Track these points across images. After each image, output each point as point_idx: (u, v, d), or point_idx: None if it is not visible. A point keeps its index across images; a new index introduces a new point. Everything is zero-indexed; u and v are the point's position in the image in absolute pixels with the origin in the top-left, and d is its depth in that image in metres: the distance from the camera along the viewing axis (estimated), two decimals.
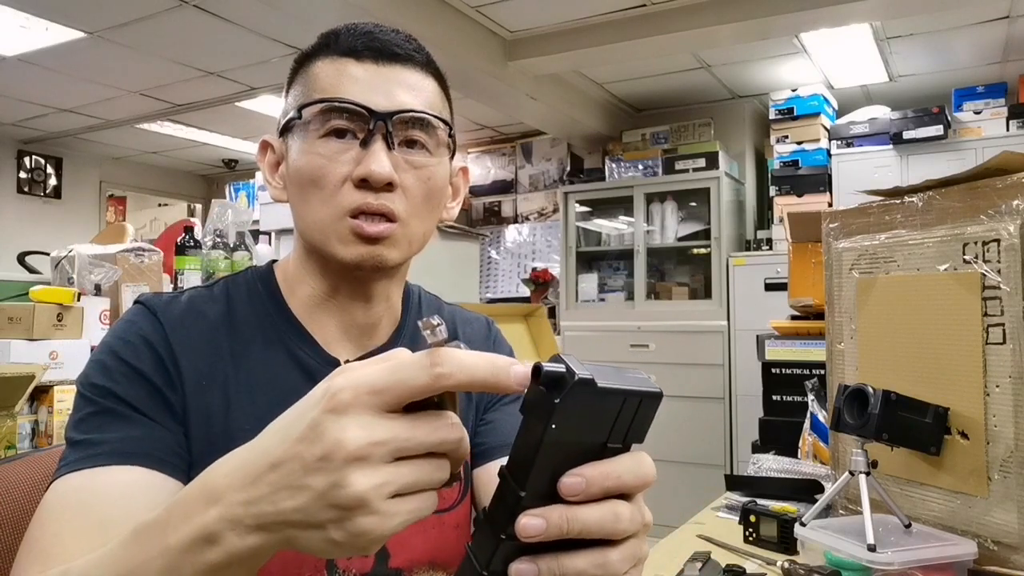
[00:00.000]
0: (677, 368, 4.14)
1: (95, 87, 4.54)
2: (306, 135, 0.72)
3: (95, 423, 0.66)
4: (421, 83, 0.75)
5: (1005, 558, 0.92)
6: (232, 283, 0.79)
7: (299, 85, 0.76)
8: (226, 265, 2.33)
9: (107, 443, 0.64)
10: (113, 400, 0.67)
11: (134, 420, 0.66)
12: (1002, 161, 0.96)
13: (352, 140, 0.71)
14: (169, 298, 0.75)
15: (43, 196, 5.97)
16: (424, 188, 0.74)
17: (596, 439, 0.43)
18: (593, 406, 0.42)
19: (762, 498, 1.27)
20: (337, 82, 0.72)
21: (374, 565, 0.73)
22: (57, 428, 1.75)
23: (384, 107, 0.71)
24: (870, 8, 3.21)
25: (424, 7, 3.32)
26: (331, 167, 0.70)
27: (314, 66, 0.75)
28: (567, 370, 0.41)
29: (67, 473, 0.63)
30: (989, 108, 3.97)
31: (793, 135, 4.33)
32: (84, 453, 0.64)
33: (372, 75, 0.72)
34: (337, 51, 0.74)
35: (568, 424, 0.41)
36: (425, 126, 0.73)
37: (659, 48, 3.66)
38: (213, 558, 0.43)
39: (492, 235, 5.68)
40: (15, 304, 1.92)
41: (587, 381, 0.41)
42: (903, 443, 0.99)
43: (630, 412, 0.43)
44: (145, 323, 0.71)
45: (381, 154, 0.70)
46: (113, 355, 0.69)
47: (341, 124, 0.71)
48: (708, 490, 1.45)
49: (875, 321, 1.12)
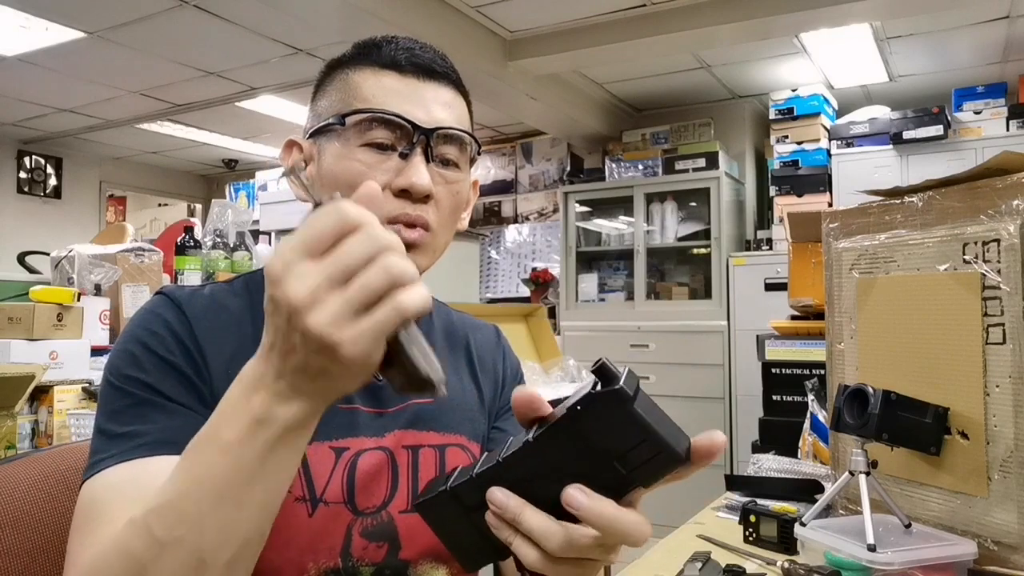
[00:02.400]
0: (677, 368, 4.14)
1: (95, 87, 4.54)
2: (346, 142, 0.74)
3: (132, 414, 0.66)
4: (454, 100, 0.79)
5: (1005, 558, 0.92)
6: (251, 280, 0.80)
7: (336, 92, 0.78)
8: (226, 265, 2.33)
9: (150, 433, 0.65)
10: (148, 391, 0.67)
11: (172, 410, 0.67)
12: (1002, 161, 0.96)
13: (391, 151, 0.74)
14: (191, 290, 0.76)
15: (43, 196, 5.97)
16: (453, 201, 0.78)
17: (608, 450, 0.46)
18: (619, 421, 0.45)
19: (762, 498, 1.26)
20: (379, 93, 0.75)
21: (386, 556, 0.74)
22: (57, 428, 1.75)
23: (425, 122, 0.74)
24: (870, 8, 3.21)
25: (424, 7, 3.32)
26: (371, 175, 0.72)
27: (353, 74, 0.77)
28: (618, 375, 0.45)
29: (114, 464, 0.63)
30: (989, 108, 3.97)
31: (793, 135, 4.33)
32: (129, 444, 0.64)
33: (413, 90, 0.76)
34: (378, 62, 0.77)
35: (590, 421, 0.46)
36: (458, 142, 0.78)
37: (659, 48, 3.66)
38: (270, 435, 0.49)
39: (492, 235, 5.68)
40: (15, 304, 1.92)
41: (625, 395, 0.45)
42: (903, 443, 0.99)
43: (646, 454, 0.46)
44: (170, 314, 0.72)
45: (422, 167, 0.73)
46: (142, 346, 0.69)
47: (383, 135, 0.74)
48: (708, 490, 1.45)
49: (875, 321, 1.12)
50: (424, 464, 0.78)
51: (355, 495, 0.73)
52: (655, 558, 1.08)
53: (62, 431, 1.74)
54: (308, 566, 0.70)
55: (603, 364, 0.46)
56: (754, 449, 1.75)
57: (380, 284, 0.46)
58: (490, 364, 0.92)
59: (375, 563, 0.74)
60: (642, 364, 4.21)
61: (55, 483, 0.80)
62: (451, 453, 0.81)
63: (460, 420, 0.83)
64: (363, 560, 0.73)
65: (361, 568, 0.73)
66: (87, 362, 1.93)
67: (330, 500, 0.72)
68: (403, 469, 0.77)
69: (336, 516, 0.72)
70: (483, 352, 0.92)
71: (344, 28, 3.25)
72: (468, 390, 0.87)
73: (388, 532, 0.74)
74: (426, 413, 0.80)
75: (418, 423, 0.79)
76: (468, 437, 0.83)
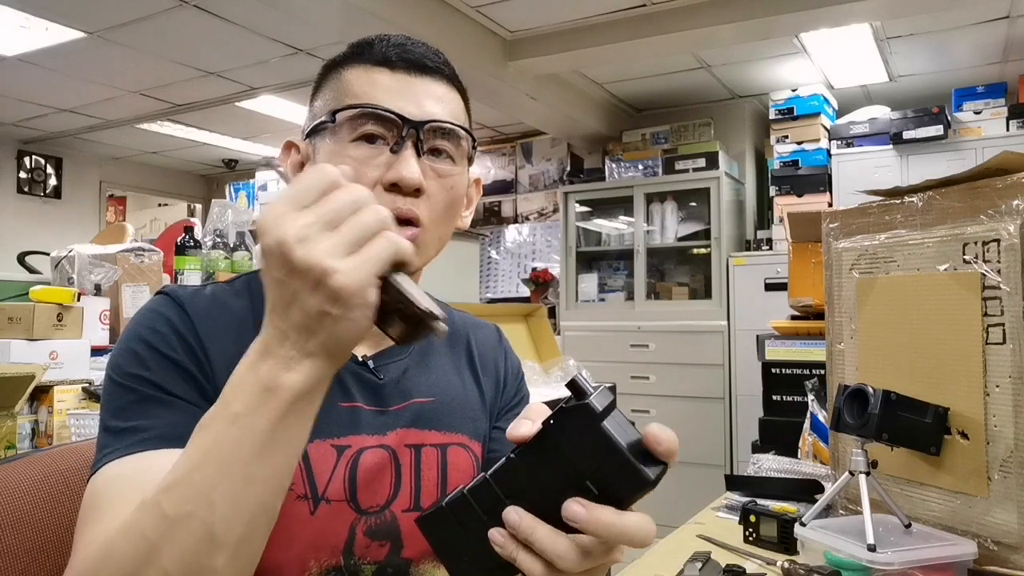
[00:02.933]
0: (677, 368, 4.14)
1: (95, 87, 4.54)
2: (337, 139, 0.75)
3: (137, 410, 0.66)
4: (448, 95, 0.79)
5: (1005, 558, 0.92)
6: (252, 279, 0.80)
7: (329, 91, 0.78)
8: (226, 265, 2.33)
9: (154, 428, 0.65)
10: (152, 388, 0.67)
11: (176, 405, 0.67)
12: (1002, 161, 0.96)
13: (382, 146, 0.74)
14: (193, 290, 0.77)
15: (43, 196, 5.97)
16: (447, 196, 0.77)
17: (581, 467, 0.47)
18: (589, 438, 0.46)
19: (762, 498, 1.26)
20: (370, 89, 0.75)
21: (388, 555, 0.74)
22: (57, 428, 1.75)
23: (415, 115, 0.74)
24: (870, 8, 3.21)
25: (424, 7, 3.32)
26: (362, 170, 0.72)
27: (346, 73, 0.77)
28: (588, 391, 0.46)
29: (118, 458, 0.63)
30: (989, 108, 3.97)
31: (793, 135, 4.33)
32: (132, 439, 0.64)
33: (404, 85, 0.76)
34: (370, 60, 0.77)
35: (562, 436, 0.47)
36: (451, 136, 0.77)
37: (659, 48, 3.66)
38: (278, 404, 0.49)
39: (492, 235, 5.68)
40: (15, 304, 1.92)
41: (593, 411, 0.46)
42: (903, 443, 0.99)
43: (614, 473, 0.46)
44: (172, 313, 0.72)
45: (412, 160, 0.73)
46: (145, 344, 0.70)
47: (373, 130, 0.74)
48: (708, 490, 1.45)
49: (875, 321, 1.12)
50: (426, 463, 0.78)
51: (357, 493, 0.73)
52: (655, 558, 1.08)
53: (62, 431, 1.74)
54: (310, 564, 0.70)
55: (574, 379, 0.47)
56: (754, 449, 1.75)
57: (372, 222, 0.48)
58: (491, 363, 0.92)
59: (377, 562, 0.74)
60: (642, 364, 4.21)
61: (55, 483, 0.80)
62: (453, 452, 0.81)
63: (462, 419, 0.83)
64: (365, 559, 0.73)
65: (363, 567, 0.73)
66: (87, 362, 1.93)
67: (332, 498, 0.72)
68: (406, 468, 0.77)
69: (338, 514, 0.72)
70: (484, 351, 0.92)
71: (344, 28, 3.25)
72: (469, 389, 0.87)
73: (391, 531, 0.75)
74: (427, 412, 0.80)
75: (419, 422, 0.79)
76: (470, 436, 0.83)
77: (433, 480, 0.79)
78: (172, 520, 0.50)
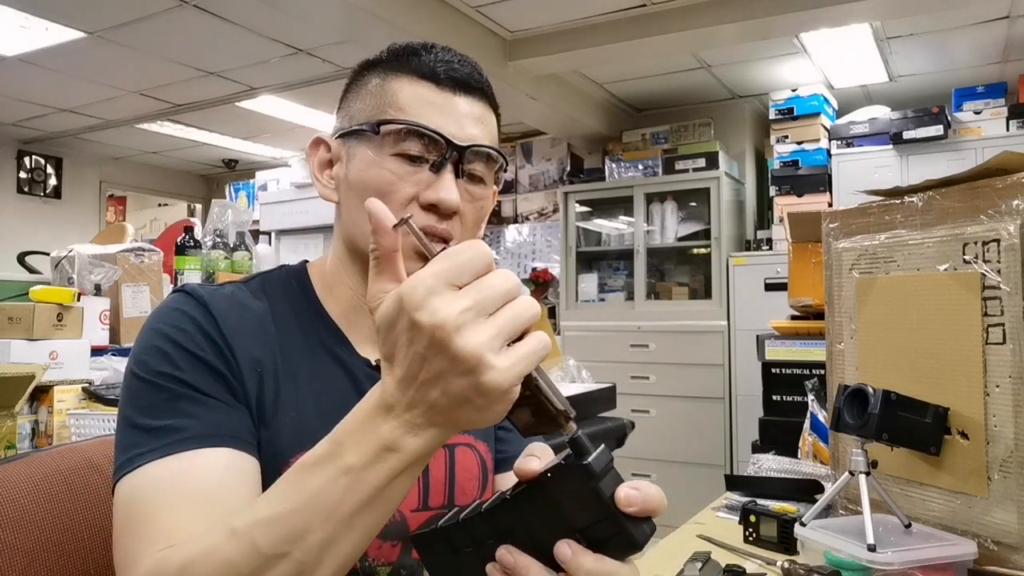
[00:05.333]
0: (677, 368, 4.14)
1: (95, 87, 4.54)
2: (377, 149, 0.74)
3: (170, 408, 0.66)
4: (487, 117, 0.79)
5: (1005, 558, 0.92)
6: (267, 280, 0.81)
7: (370, 96, 0.77)
8: (226, 265, 2.33)
9: (190, 427, 0.65)
10: (183, 386, 0.67)
11: (209, 404, 0.67)
12: (1002, 161, 0.96)
13: (422, 163, 0.74)
14: (212, 289, 0.76)
15: (43, 196, 5.97)
16: (477, 216, 0.79)
17: (573, 520, 0.49)
18: (584, 496, 0.48)
19: (762, 498, 1.26)
20: (416, 104, 0.75)
21: (400, 555, 0.75)
22: (57, 428, 1.75)
23: (457, 137, 0.74)
24: (870, 8, 3.21)
25: (424, 7, 3.32)
26: (400, 185, 0.73)
27: (391, 81, 0.77)
28: (588, 451, 0.47)
29: (156, 459, 0.63)
30: (989, 108, 3.97)
31: (793, 135, 4.33)
32: (169, 439, 0.64)
33: (449, 104, 0.76)
34: (417, 72, 0.76)
35: (558, 490, 0.49)
36: (489, 160, 0.78)
37: (659, 48, 3.66)
38: (396, 463, 0.49)
39: (492, 235, 5.67)
40: (15, 304, 1.92)
41: (592, 472, 0.47)
42: (903, 443, 0.99)
43: (606, 533, 0.48)
44: (195, 311, 0.72)
45: (452, 184, 0.74)
46: (171, 342, 0.69)
47: (416, 148, 0.74)
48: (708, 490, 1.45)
49: (875, 321, 1.12)
50: (434, 463, 0.79)
51: None
52: (655, 558, 1.08)
53: (62, 431, 1.74)
54: None
55: (577, 438, 0.48)
56: (754, 449, 1.75)
57: (528, 317, 0.47)
58: None
59: (390, 562, 0.75)
60: (642, 364, 4.21)
61: (55, 483, 0.80)
62: (460, 453, 0.82)
63: None
64: (378, 559, 0.74)
65: (377, 568, 0.74)
66: (87, 362, 1.93)
67: None
68: None
69: None
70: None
71: (344, 28, 3.25)
72: None
73: (402, 531, 0.76)
74: None
75: None
76: (475, 436, 0.84)
77: (441, 480, 0.79)
78: (267, 557, 0.51)
